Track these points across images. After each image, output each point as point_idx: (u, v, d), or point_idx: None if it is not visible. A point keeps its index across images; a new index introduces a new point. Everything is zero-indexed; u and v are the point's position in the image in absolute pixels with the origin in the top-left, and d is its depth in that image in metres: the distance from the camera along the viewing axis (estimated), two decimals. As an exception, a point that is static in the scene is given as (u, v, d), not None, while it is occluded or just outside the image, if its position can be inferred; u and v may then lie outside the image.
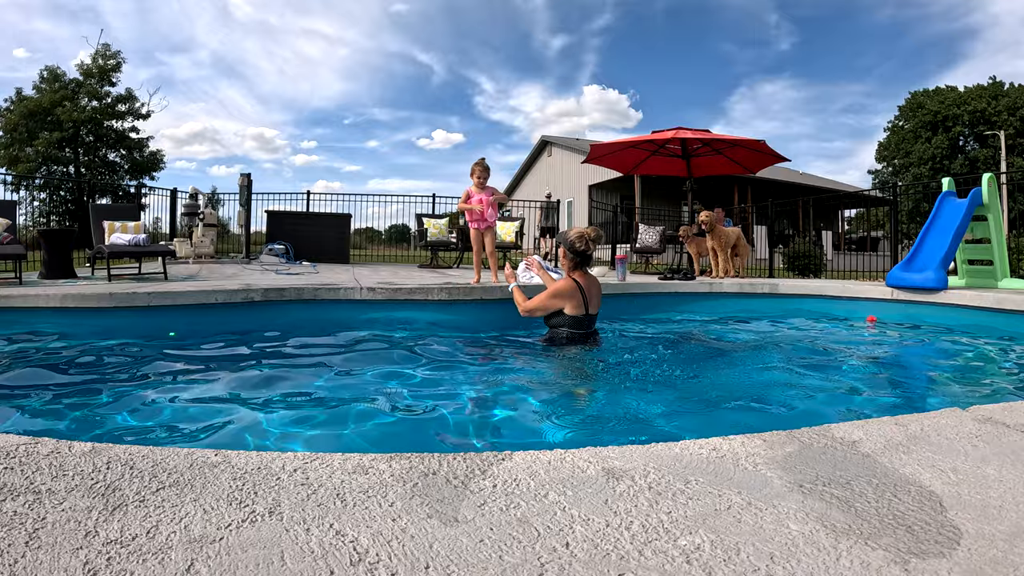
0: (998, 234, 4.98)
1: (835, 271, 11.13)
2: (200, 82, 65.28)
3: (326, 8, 77.26)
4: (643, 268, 10.06)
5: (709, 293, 5.56)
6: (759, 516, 0.82)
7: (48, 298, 3.52)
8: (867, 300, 5.04)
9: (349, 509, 0.82)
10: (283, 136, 77.77)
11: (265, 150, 74.40)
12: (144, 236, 5.26)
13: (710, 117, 78.64)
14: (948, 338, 3.95)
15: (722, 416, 2.16)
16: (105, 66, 22.28)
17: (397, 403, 2.23)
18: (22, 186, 20.63)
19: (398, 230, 21.72)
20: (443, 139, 79.16)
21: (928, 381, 2.81)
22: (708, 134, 6.96)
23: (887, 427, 1.23)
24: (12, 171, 19.53)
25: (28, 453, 0.98)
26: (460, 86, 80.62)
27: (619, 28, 70.03)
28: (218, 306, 3.90)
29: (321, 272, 6.34)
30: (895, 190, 8.49)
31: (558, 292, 3.19)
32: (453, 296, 4.35)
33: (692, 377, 2.80)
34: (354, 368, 2.82)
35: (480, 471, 0.95)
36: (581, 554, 0.72)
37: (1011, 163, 29.50)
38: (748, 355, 3.34)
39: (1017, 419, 1.30)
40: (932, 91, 35.47)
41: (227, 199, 11.37)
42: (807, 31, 65.35)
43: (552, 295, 3.19)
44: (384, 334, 3.75)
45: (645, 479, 0.94)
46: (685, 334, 4.20)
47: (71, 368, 2.67)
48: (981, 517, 0.83)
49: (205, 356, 3.00)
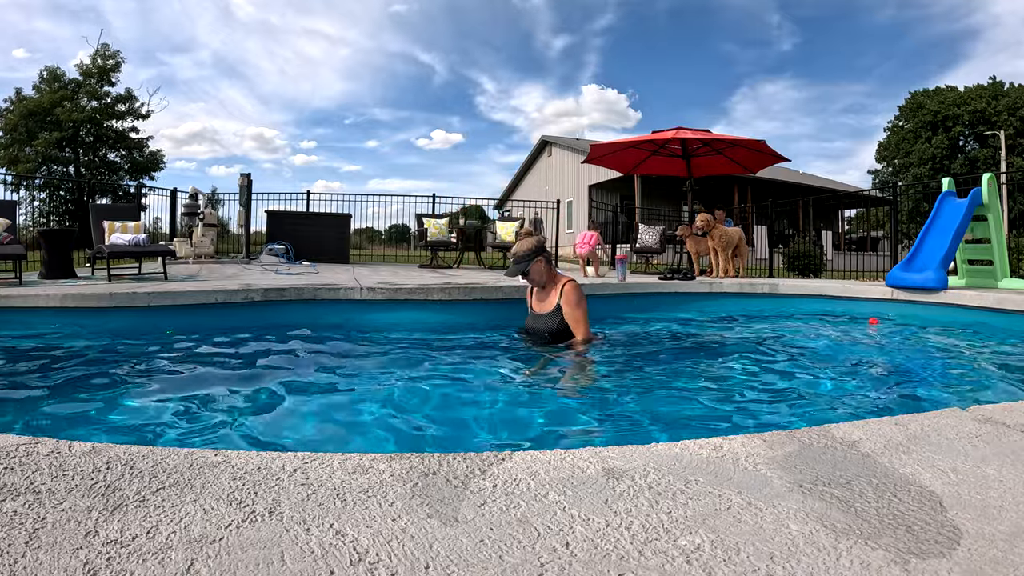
0: (998, 234, 4.98)
1: (835, 271, 11.14)
2: (201, 82, 65.23)
3: (327, 8, 77.26)
4: (643, 268, 10.06)
5: (709, 293, 5.56)
6: (759, 516, 0.82)
7: (48, 298, 3.52)
8: (867, 300, 5.04)
9: (349, 509, 0.82)
10: (283, 136, 77.80)
11: (264, 150, 74.44)
12: (144, 236, 5.26)
13: (711, 117, 78.67)
14: (948, 338, 3.95)
15: (722, 416, 2.16)
16: (105, 66, 22.30)
17: (397, 403, 2.23)
18: (22, 186, 20.65)
19: (398, 230, 21.75)
20: (442, 139, 79.21)
21: (928, 381, 2.81)
22: (708, 134, 6.96)
23: (887, 427, 1.23)
24: (12, 171, 19.53)
25: (28, 453, 0.98)
26: (461, 86, 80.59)
27: (621, 28, 70.03)
28: (218, 306, 3.90)
29: (321, 272, 6.34)
30: (895, 190, 8.50)
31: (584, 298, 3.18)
32: (453, 296, 4.35)
33: (692, 377, 2.80)
34: (354, 368, 2.82)
35: (480, 471, 0.95)
36: (581, 554, 0.72)
37: (1011, 163, 29.50)
38: (748, 355, 3.34)
39: (1017, 419, 1.30)
40: (932, 91, 35.47)
41: (227, 199, 11.38)
42: (808, 31, 65.34)
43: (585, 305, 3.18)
44: (384, 334, 3.75)
45: (645, 479, 0.94)
46: (685, 334, 4.20)
47: (71, 368, 2.67)
48: (981, 517, 0.83)
49: (205, 356, 2.99)
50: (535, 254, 3.17)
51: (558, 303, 3.16)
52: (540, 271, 3.20)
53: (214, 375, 2.60)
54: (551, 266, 3.27)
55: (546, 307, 3.24)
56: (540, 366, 2.89)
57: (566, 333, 3.15)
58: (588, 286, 4.65)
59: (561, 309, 3.14)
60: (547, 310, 3.23)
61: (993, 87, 33.95)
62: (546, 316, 3.22)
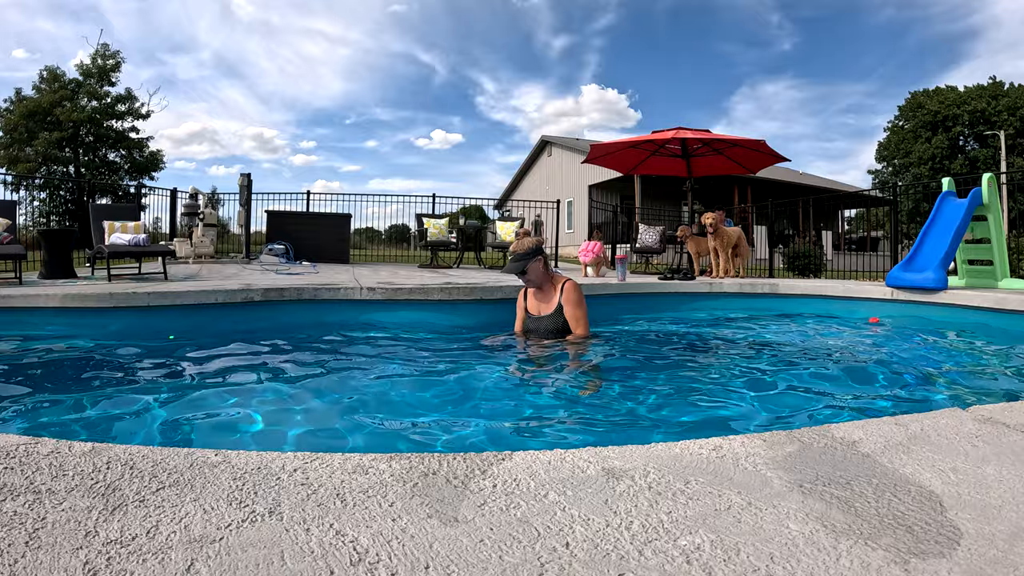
0: (998, 234, 4.98)
1: (835, 271, 11.14)
2: (201, 82, 65.26)
3: (328, 8, 77.27)
4: (643, 268, 10.06)
5: (709, 293, 5.56)
6: (759, 516, 0.82)
7: (48, 298, 3.52)
8: (867, 300, 5.04)
9: (349, 509, 0.81)
10: (283, 136, 77.81)
11: (264, 150, 74.42)
12: (144, 236, 5.26)
13: (711, 117, 78.72)
14: (948, 338, 3.95)
15: (722, 416, 2.16)
16: (104, 66, 22.30)
17: (397, 403, 2.23)
18: (22, 186, 20.65)
19: (398, 230, 21.74)
20: (442, 139, 79.26)
21: (928, 381, 2.81)
22: (708, 134, 6.97)
23: (887, 427, 1.23)
24: (12, 171, 19.53)
25: (28, 453, 0.98)
26: (462, 86, 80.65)
27: (621, 28, 70.09)
28: (218, 306, 3.90)
29: (321, 272, 6.34)
30: (895, 190, 8.50)
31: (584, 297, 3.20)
32: (453, 296, 4.35)
33: (692, 377, 2.80)
34: (354, 368, 2.82)
35: (480, 471, 0.95)
36: (581, 554, 0.72)
37: (1011, 163, 29.49)
38: (748, 355, 3.34)
39: (1017, 419, 1.30)
40: (932, 91, 35.48)
41: (227, 199, 11.38)
42: (809, 31, 65.40)
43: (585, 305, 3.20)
44: (384, 334, 3.75)
45: (645, 479, 0.94)
46: (685, 334, 4.20)
47: (71, 368, 2.67)
48: (981, 517, 0.83)
49: (205, 356, 2.99)
50: (534, 254, 3.17)
51: (559, 303, 3.17)
52: (538, 271, 3.21)
53: (214, 375, 2.60)
54: (548, 267, 3.28)
55: (547, 308, 3.24)
56: (540, 366, 2.89)
57: (568, 333, 3.16)
58: (588, 286, 4.65)
59: (563, 309, 3.16)
60: (548, 311, 3.23)
61: (993, 87, 33.94)
62: (548, 318, 3.21)
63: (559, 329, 3.18)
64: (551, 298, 3.23)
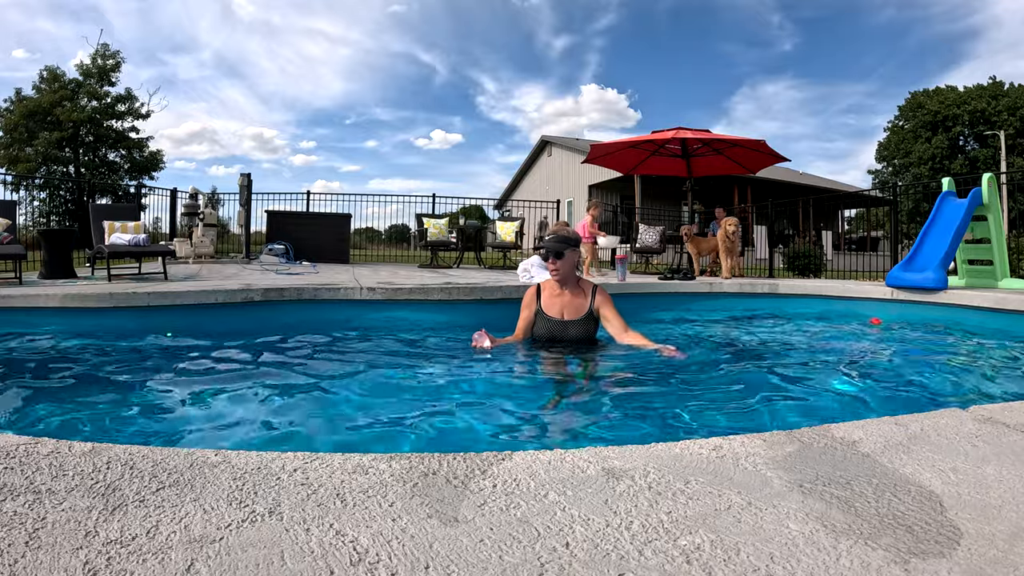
0: (998, 234, 4.98)
1: (835, 271, 11.14)
2: (201, 82, 65.20)
3: (329, 8, 77.27)
4: (643, 268, 10.05)
5: (709, 293, 5.56)
6: (759, 516, 0.82)
7: (48, 298, 3.52)
8: (867, 300, 5.04)
9: (349, 509, 0.81)
10: (283, 136, 77.79)
11: (264, 150, 74.37)
12: (144, 236, 5.26)
13: (711, 117, 78.69)
14: (948, 338, 3.95)
15: (722, 416, 2.16)
16: (104, 66, 22.31)
17: (397, 403, 2.23)
18: (22, 186, 20.65)
19: (398, 230, 21.74)
20: (442, 139, 79.23)
21: (928, 381, 2.81)
22: (708, 134, 6.97)
23: (887, 427, 1.23)
24: (12, 171, 19.54)
25: (28, 453, 0.98)
26: (462, 86, 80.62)
27: (621, 28, 70.09)
28: (218, 306, 3.90)
29: (321, 272, 6.34)
30: (895, 190, 8.50)
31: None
32: (453, 296, 4.35)
33: (692, 377, 2.80)
34: (354, 368, 2.82)
35: (480, 471, 0.95)
36: (581, 554, 0.72)
37: (1011, 163, 29.49)
38: (748, 355, 3.34)
39: (1017, 419, 1.30)
40: (932, 91, 35.48)
41: (227, 199, 11.39)
42: (809, 32, 65.40)
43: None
44: (384, 334, 3.75)
45: (645, 479, 0.94)
46: (685, 334, 4.20)
47: (71, 368, 2.67)
48: (981, 517, 0.83)
49: (205, 356, 2.99)
50: (576, 243, 2.98)
51: (591, 308, 2.97)
52: (572, 263, 2.97)
53: (214, 375, 2.60)
54: (580, 266, 3.10)
55: (575, 313, 2.97)
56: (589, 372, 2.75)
57: (594, 341, 2.98)
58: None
59: (596, 313, 2.97)
60: (576, 316, 2.97)
61: (993, 87, 33.94)
62: (578, 323, 2.96)
63: (591, 335, 2.96)
64: (580, 302, 2.98)
